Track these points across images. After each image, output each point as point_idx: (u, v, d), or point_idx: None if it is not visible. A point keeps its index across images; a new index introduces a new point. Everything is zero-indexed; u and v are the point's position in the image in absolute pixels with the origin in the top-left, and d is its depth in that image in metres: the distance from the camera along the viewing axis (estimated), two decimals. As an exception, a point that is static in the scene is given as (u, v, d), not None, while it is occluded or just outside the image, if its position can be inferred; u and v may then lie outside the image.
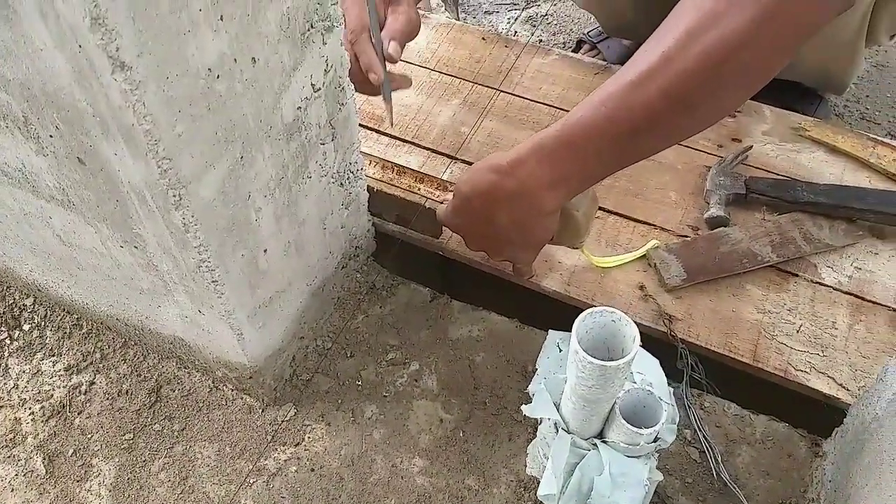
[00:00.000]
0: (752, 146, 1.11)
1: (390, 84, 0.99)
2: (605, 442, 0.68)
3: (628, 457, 0.67)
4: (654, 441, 0.66)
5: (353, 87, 0.81)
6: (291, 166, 0.75)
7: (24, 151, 0.65)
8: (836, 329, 0.95)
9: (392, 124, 1.05)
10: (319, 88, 0.75)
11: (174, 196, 0.60)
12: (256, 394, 0.91)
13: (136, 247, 0.71)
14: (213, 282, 0.70)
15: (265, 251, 0.76)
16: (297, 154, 0.75)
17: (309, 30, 0.69)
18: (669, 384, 0.90)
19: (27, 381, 0.95)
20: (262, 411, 0.92)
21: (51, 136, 0.61)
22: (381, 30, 0.95)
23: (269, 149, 0.70)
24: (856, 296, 0.98)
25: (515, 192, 0.79)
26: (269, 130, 0.69)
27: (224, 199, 0.66)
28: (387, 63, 0.96)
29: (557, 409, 0.70)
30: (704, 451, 0.88)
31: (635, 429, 0.63)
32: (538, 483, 0.76)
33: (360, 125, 1.10)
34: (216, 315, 0.75)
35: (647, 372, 0.70)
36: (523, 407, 0.72)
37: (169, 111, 0.56)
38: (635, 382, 0.68)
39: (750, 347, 0.93)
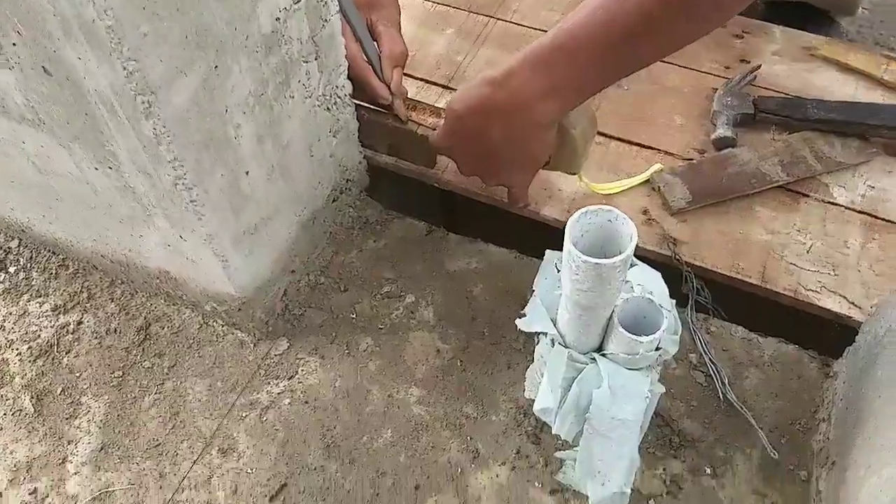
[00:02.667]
0: (760, 65, 1.06)
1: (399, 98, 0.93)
2: (603, 355, 0.65)
3: (628, 369, 0.64)
4: (656, 351, 0.63)
5: (336, 2, 0.78)
6: (272, 83, 0.71)
7: (-13, 65, 0.61)
8: (849, 248, 0.91)
9: (405, 121, 0.96)
10: (300, 0, 0.71)
11: (143, 103, 0.57)
12: (247, 328, 0.88)
13: (110, 167, 0.68)
14: (191, 202, 0.67)
15: (247, 173, 0.73)
16: (278, 70, 0.72)
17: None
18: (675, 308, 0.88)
19: (14, 323, 0.93)
20: (254, 346, 0.90)
21: (14, 45, 0.58)
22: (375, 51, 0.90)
23: (247, 61, 0.67)
24: (869, 214, 0.94)
25: (508, 104, 0.76)
26: (246, 40, 0.65)
27: (199, 111, 0.63)
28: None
29: (554, 325, 0.67)
30: (710, 375, 0.85)
31: (635, 337, 0.60)
32: (537, 405, 0.74)
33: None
34: (198, 240, 0.73)
35: (648, 283, 0.67)
36: (518, 321, 0.70)
37: (132, 7, 0.53)
38: (634, 293, 0.65)
39: (758, 269, 0.90)
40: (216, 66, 0.63)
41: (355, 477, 0.81)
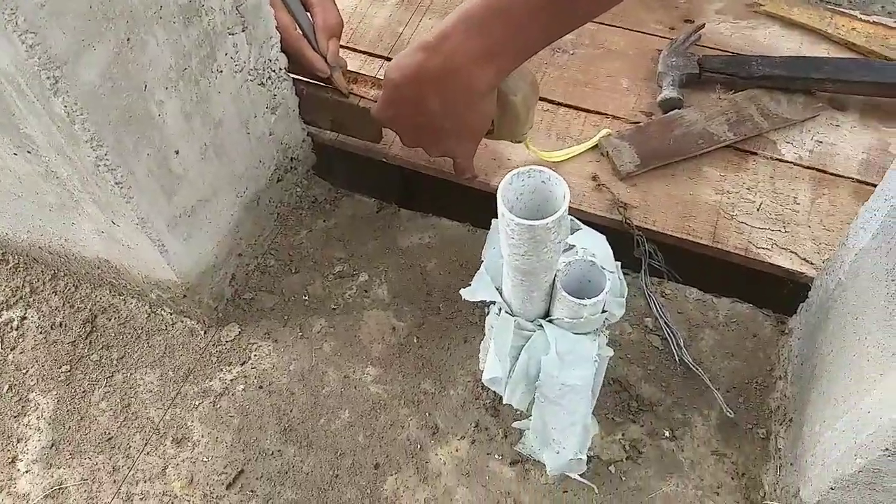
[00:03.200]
0: (703, 24, 1.05)
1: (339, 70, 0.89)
2: (550, 321, 0.64)
3: (575, 334, 0.63)
4: (602, 314, 0.62)
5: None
6: (195, 56, 0.69)
7: None
8: (798, 204, 0.91)
9: (347, 94, 0.90)
10: (218, -31, 0.68)
11: (49, 79, 0.54)
12: (196, 315, 0.86)
13: (29, 152, 0.65)
14: (116, 184, 0.64)
15: (177, 152, 0.70)
16: (201, 43, 0.69)
17: None
18: (627, 273, 0.87)
19: (-47, 322, 0.90)
20: (205, 333, 0.87)
21: None
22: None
23: (164, 33, 0.64)
24: (817, 169, 0.94)
25: (443, 70, 0.74)
26: (160, 10, 0.63)
27: (113, 87, 0.60)
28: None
29: (500, 294, 0.66)
30: (666, 338, 0.85)
31: (578, 300, 0.59)
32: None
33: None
34: (131, 225, 0.70)
35: (593, 247, 0.66)
36: (462, 291, 0.68)
37: (24, -26, 0.50)
38: (578, 256, 0.63)
39: (709, 229, 0.89)
40: (128, 39, 0.60)
41: (314, 459, 0.79)
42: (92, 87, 0.58)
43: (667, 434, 0.80)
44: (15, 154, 0.66)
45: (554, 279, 0.61)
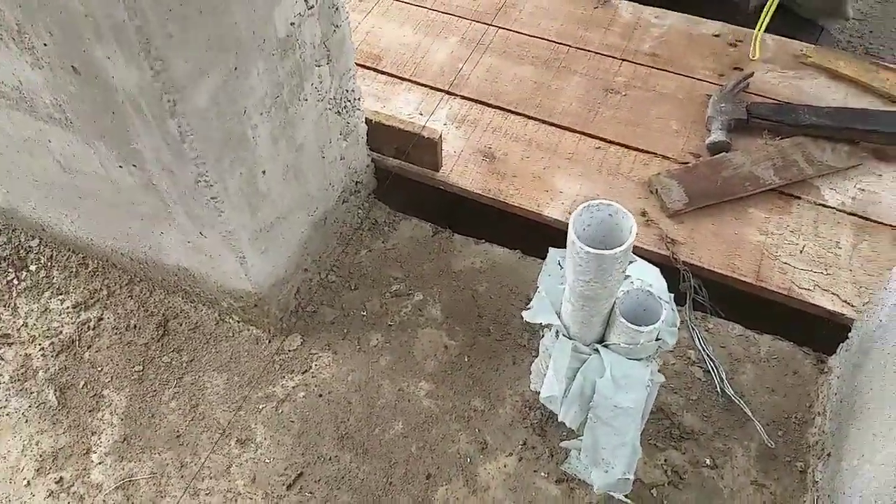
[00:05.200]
0: (753, 73, 1.10)
1: None
2: (606, 346, 0.68)
3: (630, 359, 0.67)
4: (656, 341, 0.66)
5: (346, 9, 0.81)
6: (287, 85, 0.75)
7: (20, 66, 0.65)
8: (840, 248, 0.94)
9: None
10: (313, 6, 0.75)
11: (169, 102, 0.60)
12: (262, 324, 0.91)
13: (134, 165, 0.71)
14: (212, 198, 0.70)
15: (264, 172, 0.76)
16: (293, 73, 0.75)
17: (300, -59, 0.69)
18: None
19: (36, 319, 0.96)
20: (269, 342, 0.93)
21: (45, 45, 0.61)
22: None
23: (263, 63, 0.70)
24: (859, 216, 0.97)
25: None
26: (263, 44, 0.69)
27: (219, 111, 0.66)
28: None
29: (558, 317, 0.70)
30: (709, 371, 0.88)
31: (635, 327, 0.63)
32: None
33: (357, 64, 1.10)
34: (217, 237, 0.76)
35: (647, 278, 0.70)
36: (523, 312, 0.73)
37: (160, 8, 0.56)
38: (634, 286, 0.68)
39: (753, 268, 0.93)
40: (235, 68, 0.66)
41: (369, 467, 0.83)
42: (202, 111, 0.64)
43: (708, 462, 0.83)
44: (120, 166, 0.72)
45: (613, 306, 0.65)
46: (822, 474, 0.80)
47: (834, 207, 0.98)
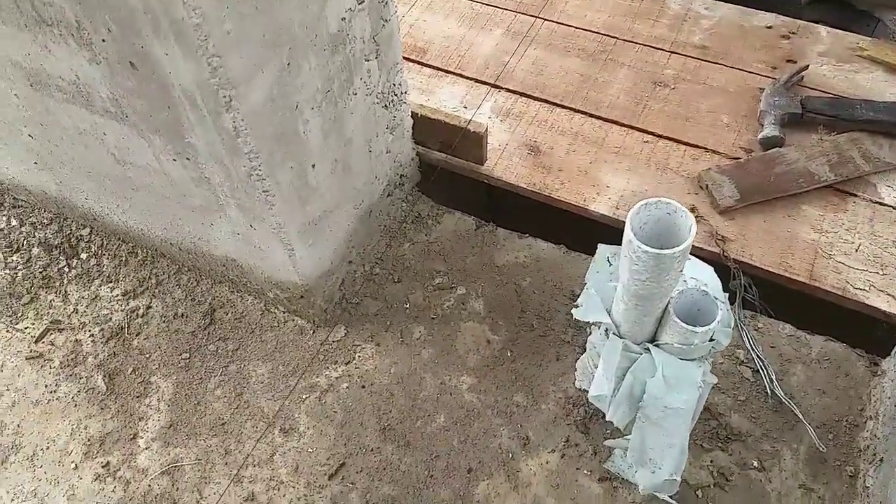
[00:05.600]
0: (808, 66, 1.07)
1: None
2: (657, 345, 0.67)
3: (682, 359, 0.66)
4: (709, 342, 0.65)
5: (395, 3, 0.81)
6: (337, 80, 0.75)
7: (78, 61, 0.66)
8: (897, 248, 0.92)
9: None
10: (363, 1, 0.75)
11: (224, 97, 0.61)
12: (307, 315, 0.92)
13: (188, 158, 0.72)
14: (264, 192, 0.71)
15: (313, 166, 0.76)
16: (343, 68, 0.75)
17: (353, -66, 0.68)
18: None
19: (86, 306, 0.98)
20: (313, 332, 0.93)
21: (103, 41, 0.62)
22: None
23: (315, 59, 0.70)
24: (918, 215, 0.94)
25: None
26: (315, 39, 0.69)
27: (272, 106, 0.66)
28: None
29: (609, 315, 0.70)
30: (758, 371, 0.87)
31: (690, 327, 0.62)
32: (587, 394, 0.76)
33: (403, 57, 1.09)
34: (267, 229, 0.76)
35: (701, 277, 0.69)
36: (574, 310, 0.72)
37: (218, 5, 0.56)
38: (688, 285, 0.67)
39: (806, 267, 0.91)
40: (289, 64, 0.67)
41: (410, 459, 0.84)
42: (257, 106, 0.64)
43: (755, 464, 0.82)
44: (174, 160, 0.73)
45: (666, 305, 0.64)
46: (873, 480, 0.78)
47: (891, 205, 0.95)
